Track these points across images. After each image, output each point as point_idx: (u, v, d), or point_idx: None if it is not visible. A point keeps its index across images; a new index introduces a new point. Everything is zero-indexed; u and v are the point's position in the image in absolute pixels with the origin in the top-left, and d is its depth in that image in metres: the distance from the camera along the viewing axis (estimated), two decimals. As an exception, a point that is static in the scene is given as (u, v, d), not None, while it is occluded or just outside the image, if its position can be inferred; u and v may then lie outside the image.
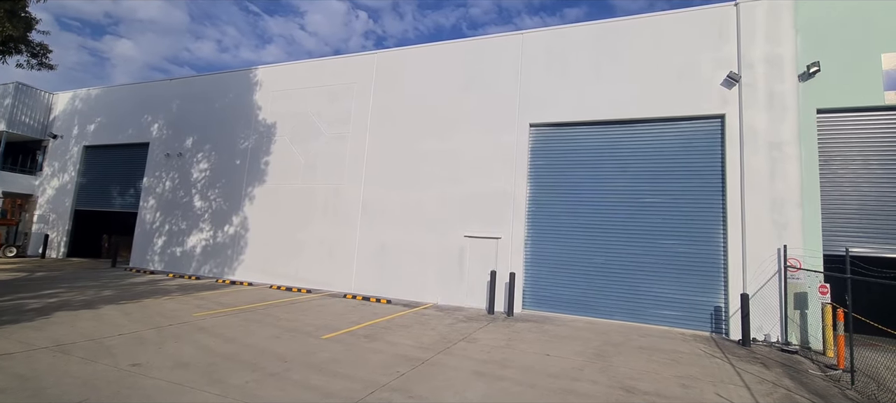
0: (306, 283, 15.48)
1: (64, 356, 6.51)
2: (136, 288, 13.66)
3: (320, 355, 7.40)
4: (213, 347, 7.48)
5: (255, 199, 17.36)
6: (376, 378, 6.39)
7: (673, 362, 8.15)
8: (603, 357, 8.20)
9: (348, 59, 17.05)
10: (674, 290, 11.55)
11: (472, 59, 14.80)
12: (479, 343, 8.87)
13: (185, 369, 6.25)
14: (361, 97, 16.22)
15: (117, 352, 6.83)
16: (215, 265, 17.58)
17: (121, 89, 22.58)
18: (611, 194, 12.59)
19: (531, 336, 9.69)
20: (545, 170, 13.49)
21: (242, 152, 17.99)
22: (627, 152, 12.62)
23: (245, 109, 18.31)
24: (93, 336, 7.64)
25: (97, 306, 10.38)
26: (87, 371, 5.92)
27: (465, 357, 7.78)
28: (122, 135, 21.46)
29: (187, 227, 18.59)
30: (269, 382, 5.97)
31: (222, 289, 14.41)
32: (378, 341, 8.56)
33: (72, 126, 23.20)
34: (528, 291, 13.03)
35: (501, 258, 13.13)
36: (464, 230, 13.78)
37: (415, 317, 11.26)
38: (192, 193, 18.80)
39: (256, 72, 18.67)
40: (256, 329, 9.04)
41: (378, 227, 15.05)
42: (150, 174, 20.00)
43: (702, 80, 11.97)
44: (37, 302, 10.42)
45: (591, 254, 12.52)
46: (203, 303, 11.54)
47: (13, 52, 12.26)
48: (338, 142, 16.26)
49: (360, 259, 15.09)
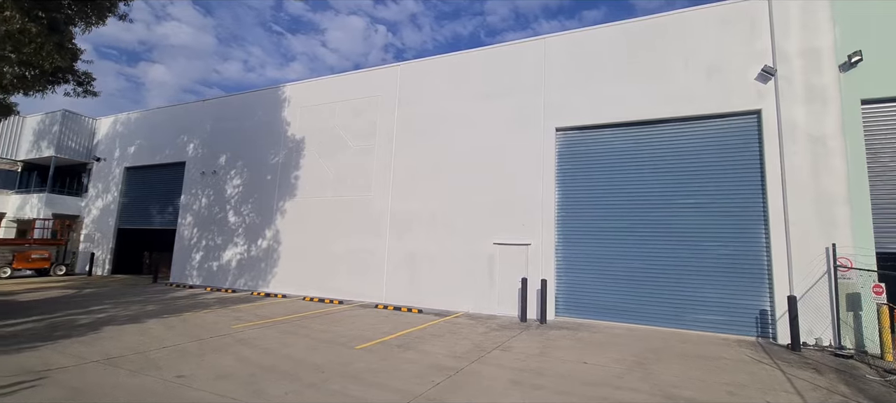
0: (338, 294, 15.68)
1: (113, 369, 6.78)
2: (176, 302, 14.14)
3: (356, 365, 7.45)
4: (253, 359, 7.64)
5: (286, 213, 17.77)
6: (412, 387, 6.38)
7: (718, 368, 7.83)
8: (643, 365, 7.95)
9: (371, 73, 17.34)
10: (715, 294, 11.13)
11: (494, 66, 14.81)
12: (513, 351, 8.76)
13: (227, 380, 6.41)
14: (386, 109, 16.44)
15: (162, 365, 7.07)
16: (250, 278, 18.03)
17: (157, 112, 23.63)
18: (643, 196, 12.29)
19: (566, 344, 9.50)
20: (573, 174, 13.30)
21: (273, 167, 18.47)
22: (659, 152, 12.32)
23: (274, 126, 18.83)
24: (139, 350, 7.94)
25: (142, 320, 10.79)
26: (135, 384, 6.14)
27: (500, 365, 7.68)
28: (160, 156, 22.40)
29: (223, 242, 19.17)
30: (307, 393, 6.04)
31: (258, 302, 14.76)
32: (412, 351, 8.57)
33: (114, 148, 24.39)
34: (561, 298, 12.81)
35: (532, 264, 12.98)
36: (492, 237, 13.71)
37: (447, 326, 11.22)
38: (227, 209, 19.40)
39: (284, 89, 19.20)
40: (292, 340, 9.20)
41: (406, 237, 15.14)
42: (187, 192, 20.77)
43: (734, 76, 11.59)
44: (86, 318, 10.91)
45: (626, 259, 12.22)
46: (241, 316, 11.84)
47: (61, 81, 13.00)
48: (364, 155, 16.50)
49: (390, 269, 15.20)
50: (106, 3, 10.76)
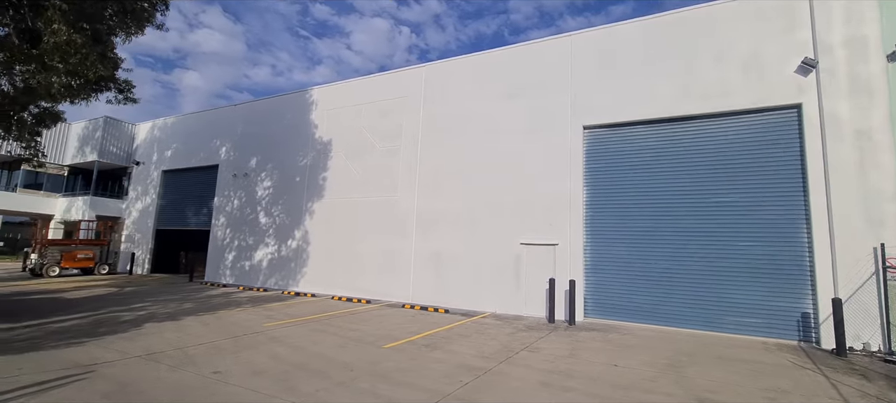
0: (365, 294, 15.88)
1: (154, 364, 7.06)
2: (211, 300, 14.62)
3: (384, 364, 7.53)
4: (284, 356, 7.82)
5: (314, 214, 18.12)
6: (441, 387, 6.39)
7: (757, 373, 7.53)
8: (676, 368, 7.73)
9: (396, 74, 17.49)
10: (754, 295, 10.71)
11: (520, 65, 14.70)
12: (541, 352, 8.67)
13: (261, 377, 6.58)
14: (411, 110, 16.55)
15: (199, 361, 7.32)
16: (280, 277, 18.47)
17: (191, 117, 24.50)
18: (676, 195, 11.95)
19: (596, 346, 9.33)
20: (602, 172, 13.06)
21: (302, 169, 18.87)
22: (691, 150, 11.95)
23: (302, 128, 19.23)
24: (178, 346, 8.24)
25: (179, 318, 11.21)
26: (174, 378, 6.38)
27: (529, 367, 7.61)
28: (194, 159, 23.22)
29: (254, 242, 19.72)
30: (338, 391, 6.14)
31: (288, 301, 15.10)
32: (439, 350, 8.59)
33: (152, 153, 25.43)
34: (590, 299, 12.60)
35: (560, 265, 12.81)
36: (519, 237, 13.60)
37: (474, 327, 11.20)
38: (258, 210, 19.94)
39: (311, 92, 19.59)
40: (322, 338, 9.37)
41: (432, 237, 15.20)
42: (220, 193, 21.45)
43: (771, 70, 11.13)
44: (128, 315, 11.42)
45: (658, 259, 11.91)
46: (272, 314, 12.14)
47: (104, 89, 13.62)
48: (390, 156, 16.65)
49: (417, 269, 15.29)
50: (144, 14, 11.21)
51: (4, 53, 9.77)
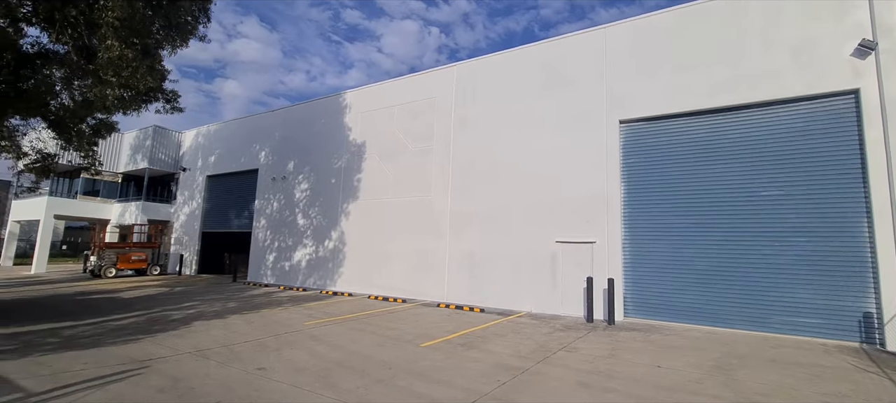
0: (401, 293, 16.05)
1: (203, 360, 7.39)
2: (254, 299, 15.18)
3: (422, 363, 7.57)
4: (324, 354, 8.01)
5: (350, 215, 18.47)
6: (478, 386, 6.37)
7: (814, 376, 7.09)
8: (725, 370, 7.38)
9: (427, 75, 17.57)
10: (809, 294, 10.09)
11: (552, 60, 14.45)
12: (579, 352, 8.49)
13: (303, 374, 6.76)
14: (442, 110, 16.59)
15: (245, 357, 7.60)
16: (319, 277, 18.96)
17: (232, 123, 25.51)
18: (722, 189, 11.42)
19: (637, 346, 9.05)
20: (640, 168, 12.65)
21: (337, 171, 19.28)
22: (737, 141, 11.39)
23: (337, 132, 19.64)
24: (224, 343, 8.59)
25: (225, 316, 11.69)
26: (222, 374, 6.65)
27: (567, 367, 7.47)
28: (235, 164, 24.17)
29: (293, 243, 20.32)
30: (376, 388, 6.22)
31: (326, 300, 15.47)
32: (475, 349, 8.57)
33: (197, 159, 26.66)
34: (630, 298, 12.23)
35: (598, 263, 12.51)
36: (555, 235, 13.38)
37: (510, 326, 11.11)
38: (296, 212, 20.53)
39: (344, 96, 19.98)
40: (360, 337, 9.54)
41: (466, 236, 15.18)
42: (260, 197, 22.23)
43: (824, 54, 10.45)
44: (179, 313, 12.01)
45: (703, 256, 11.43)
46: (311, 313, 12.47)
47: (153, 100, 14.38)
48: (423, 156, 16.76)
49: (451, 268, 15.32)
50: (188, 27, 11.74)
51: (65, 69, 10.49)
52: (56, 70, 10.44)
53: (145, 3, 9.91)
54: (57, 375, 6.31)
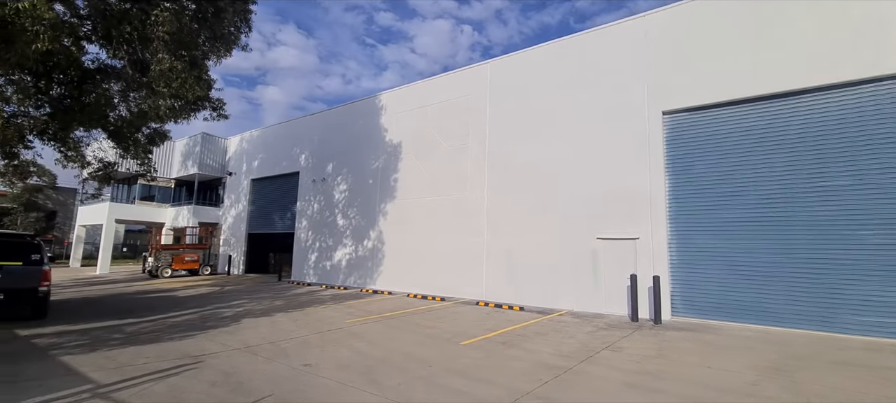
0: (439, 291, 16.11)
1: (252, 356, 7.69)
2: (298, 298, 15.67)
3: (462, 360, 7.56)
4: (366, 351, 8.15)
5: (387, 214, 18.73)
6: (519, 385, 6.28)
7: (886, 380, 6.54)
8: (784, 372, 6.94)
9: (461, 73, 17.53)
10: (881, 292, 9.32)
11: (589, 53, 14.06)
12: (625, 352, 8.22)
13: (346, 370, 6.90)
14: (477, 107, 16.50)
15: (291, 354, 7.84)
16: (359, 276, 19.35)
17: (274, 128, 26.43)
18: (777, 180, 10.75)
19: (687, 346, 8.66)
20: (686, 160, 12.10)
21: (374, 172, 19.59)
22: (793, 129, 10.68)
23: (373, 133, 19.95)
24: (271, 340, 8.91)
25: (271, 314, 12.13)
26: (270, 370, 6.89)
27: (612, 367, 7.25)
28: (277, 167, 25.04)
29: (333, 243, 20.83)
30: (418, 385, 6.26)
31: (366, 298, 15.76)
32: (516, 348, 8.46)
33: (241, 163, 27.82)
34: (678, 296, 11.73)
35: (642, 260, 12.08)
36: (596, 232, 13.03)
37: (550, 324, 10.92)
38: (335, 213, 21.04)
39: (380, 98, 20.25)
40: (400, 334, 9.64)
41: (504, 234, 15.04)
42: (302, 198, 22.93)
43: (891, 32, 9.60)
44: (229, 311, 12.57)
45: (757, 252, 10.79)
46: (352, 311, 12.73)
47: (200, 108, 15.10)
48: (458, 154, 16.74)
49: (489, 266, 15.23)
50: (231, 37, 12.25)
51: (122, 83, 11.19)
52: (114, 84, 11.15)
53: (192, 16, 10.42)
54: (122, 368, 6.73)
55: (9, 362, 7.00)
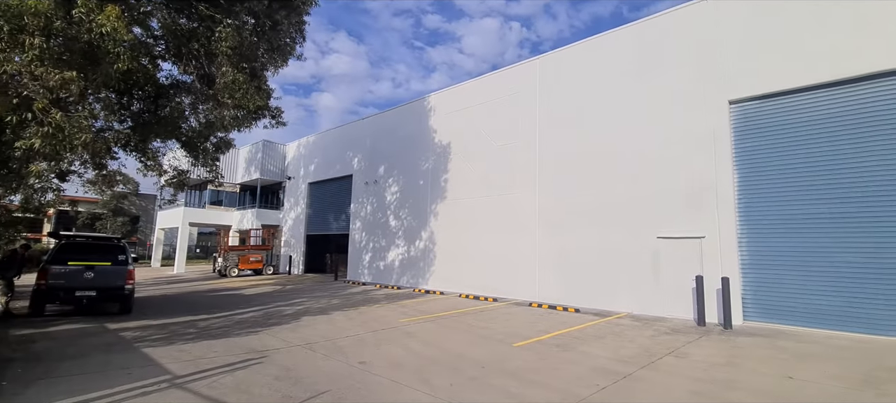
0: (491, 292, 15.98)
1: (311, 352, 7.99)
2: (353, 297, 16.15)
3: (514, 362, 7.43)
4: (418, 350, 8.22)
5: (438, 215, 18.86)
6: (575, 389, 6.06)
7: None
8: (875, 385, 6.20)
9: (509, 71, 17.29)
10: None
11: (647, 42, 13.37)
12: (690, 358, 7.71)
13: (400, 369, 6.99)
14: (527, 105, 16.20)
15: (347, 351, 8.07)
16: (411, 276, 19.63)
17: (328, 133, 27.45)
18: (869, 172, 9.63)
19: (762, 354, 7.99)
20: (756, 152, 11.18)
21: (424, 173, 19.80)
22: (886, 115, 9.54)
23: (422, 134, 20.16)
24: (329, 337, 9.22)
25: (329, 312, 12.58)
26: (328, 366, 7.12)
27: (676, 374, 6.82)
28: (332, 171, 25.98)
29: (386, 244, 21.29)
30: (470, 386, 6.22)
31: (419, 298, 15.95)
32: (571, 351, 8.20)
33: (299, 168, 29.14)
34: (751, 299, 10.86)
35: (708, 260, 11.31)
36: (655, 230, 12.36)
37: (608, 327, 10.49)
38: (388, 214, 21.49)
39: (429, 99, 20.43)
40: (452, 334, 9.64)
41: (557, 233, 14.66)
42: (355, 200, 23.64)
43: None
44: (289, 309, 13.18)
45: (845, 251, 9.72)
46: (405, 311, 12.93)
47: (261, 117, 15.96)
48: (508, 152, 16.52)
49: (542, 266, 14.90)
50: (287, 48, 12.83)
51: (192, 96, 12.06)
52: (184, 97, 12.05)
53: (251, 31, 11.02)
54: (196, 361, 7.23)
55: (102, 352, 7.74)
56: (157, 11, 10.32)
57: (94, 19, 6.94)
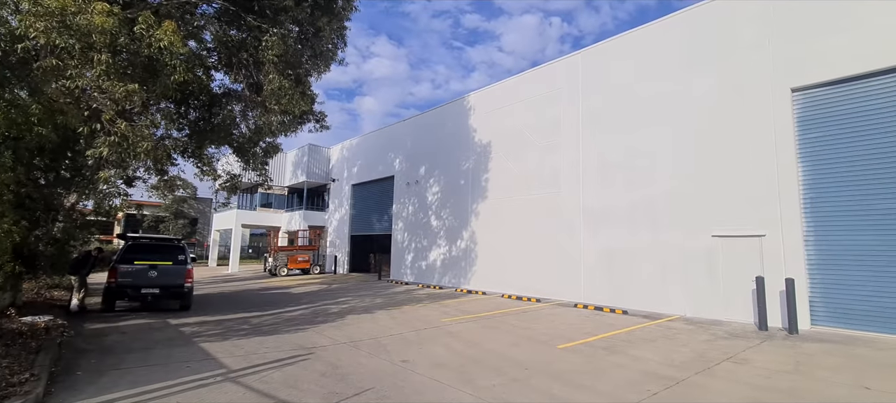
0: (534, 293, 15.70)
1: (356, 350, 8.14)
2: (396, 297, 16.37)
3: (559, 365, 7.23)
4: (461, 350, 8.18)
5: (479, 215, 18.76)
6: (623, 395, 5.81)
7: None
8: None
9: (551, 67, 16.91)
10: None
11: (698, 30, 12.66)
12: (751, 365, 7.21)
13: (442, 368, 6.98)
14: (569, 101, 15.78)
15: (391, 350, 8.17)
16: (453, 276, 19.65)
17: (370, 136, 28.00)
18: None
19: (834, 362, 7.35)
20: (823, 143, 10.32)
21: (465, 173, 19.76)
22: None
23: (463, 134, 20.12)
24: (373, 336, 9.38)
25: (373, 311, 12.81)
26: (372, 364, 7.23)
27: (735, 380, 6.39)
28: (374, 173, 26.48)
29: (428, 244, 21.44)
30: (513, 387, 6.11)
31: (461, 298, 15.93)
32: (619, 355, 7.88)
33: (343, 170, 29.92)
34: (820, 302, 10.03)
35: (770, 260, 10.56)
36: (710, 228, 11.69)
37: (659, 330, 10.02)
38: (429, 214, 21.63)
39: (468, 99, 20.37)
40: (495, 335, 9.54)
41: (602, 233, 14.19)
42: (397, 201, 23.97)
43: None
44: (335, 308, 13.54)
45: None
46: (447, 310, 12.94)
47: (306, 121, 16.49)
48: (550, 151, 16.17)
49: (587, 266, 14.47)
50: (329, 54, 13.18)
51: (242, 104, 12.63)
52: (235, 105, 12.64)
53: (296, 38, 11.41)
54: (248, 356, 7.56)
55: (164, 346, 8.26)
56: (210, 24, 10.90)
57: (153, 34, 7.40)
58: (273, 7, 10.07)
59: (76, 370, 6.62)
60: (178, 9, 9.38)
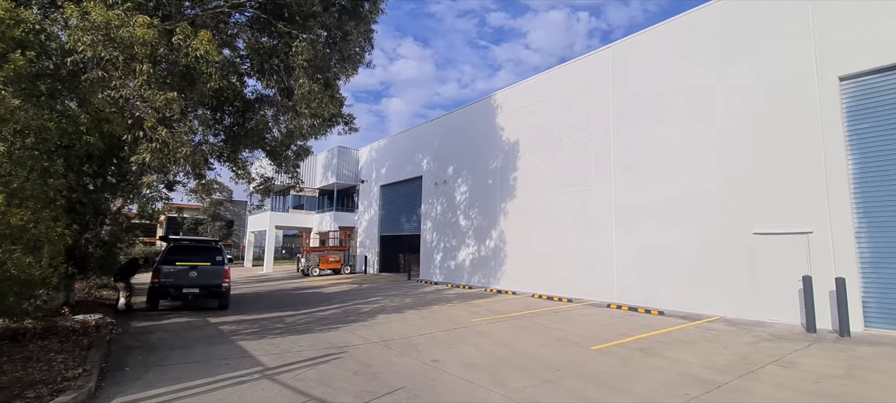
0: (566, 292, 15.45)
1: (387, 349, 8.22)
2: (426, 296, 16.44)
3: (592, 366, 7.07)
4: (491, 350, 8.13)
5: (508, 214, 18.60)
6: (660, 398, 5.62)
7: None
8: None
9: (578, 63, 16.58)
10: None
11: (735, 18, 12.12)
12: (798, 368, 6.84)
13: (473, 369, 6.95)
14: (598, 97, 15.43)
15: (421, 349, 8.19)
16: (482, 275, 19.58)
17: (398, 137, 28.23)
18: None
19: (889, 366, 6.89)
20: (875, 133, 9.69)
21: (493, 172, 19.64)
22: None
23: (490, 133, 20.01)
24: (404, 335, 9.44)
25: (403, 311, 12.90)
26: (403, 363, 7.27)
27: (781, 385, 6.08)
28: (403, 173, 26.69)
29: (457, 243, 21.43)
30: (545, 388, 6.01)
31: (491, 298, 15.84)
32: (656, 356, 7.64)
33: (372, 171, 30.30)
34: (874, 303, 9.43)
35: (817, 258, 10.01)
36: (751, 225, 11.18)
37: (698, 332, 9.66)
38: (458, 214, 21.62)
39: (495, 97, 20.23)
40: (526, 335, 9.43)
41: (636, 231, 13.80)
42: (426, 201, 24.08)
43: None
44: (366, 307, 13.72)
45: None
46: (477, 310, 12.89)
47: (335, 124, 16.78)
48: (580, 148, 15.86)
49: (620, 265, 14.11)
50: (357, 57, 13.36)
51: (274, 108, 12.97)
52: (267, 109, 12.99)
53: (324, 43, 11.62)
54: (283, 354, 7.75)
55: (205, 344, 8.57)
56: (242, 33, 11.24)
57: (190, 44, 7.70)
58: (302, 13, 10.28)
59: (124, 366, 6.95)
60: (213, 19, 9.72)
